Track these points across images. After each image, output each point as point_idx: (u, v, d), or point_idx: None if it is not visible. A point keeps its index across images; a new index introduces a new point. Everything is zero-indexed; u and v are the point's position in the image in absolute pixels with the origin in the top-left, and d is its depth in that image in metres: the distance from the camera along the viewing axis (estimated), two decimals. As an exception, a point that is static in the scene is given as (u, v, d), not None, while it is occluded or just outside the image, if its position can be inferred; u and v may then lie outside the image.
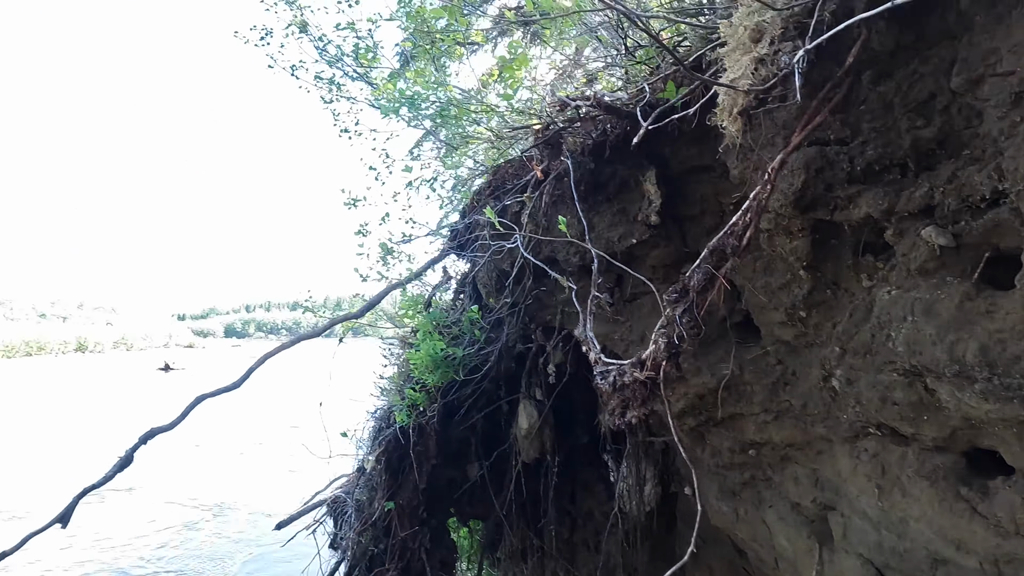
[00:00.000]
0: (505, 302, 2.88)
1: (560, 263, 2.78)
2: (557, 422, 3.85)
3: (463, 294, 3.38)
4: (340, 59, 5.76)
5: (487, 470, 3.87)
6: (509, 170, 3.02)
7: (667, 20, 2.58)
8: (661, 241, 2.66)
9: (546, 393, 3.53)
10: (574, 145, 2.29)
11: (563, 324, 3.13)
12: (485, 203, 3.02)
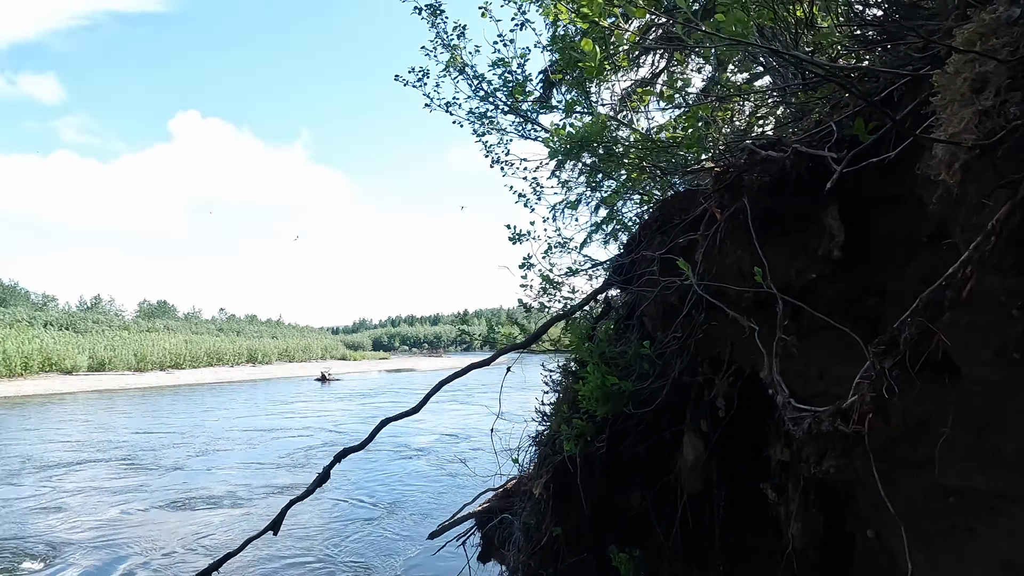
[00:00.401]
0: (675, 336, 2.89)
1: (732, 297, 2.76)
2: (721, 454, 3.79)
3: (628, 327, 3.44)
4: (492, 94, 6.07)
5: (650, 500, 3.88)
6: (675, 204, 3.05)
7: (844, 48, 2.51)
8: (842, 275, 2.57)
9: (712, 426, 3.49)
10: (752, 183, 2.29)
11: (732, 358, 3.09)
12: (652, 238, 3.07)
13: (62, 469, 16.56)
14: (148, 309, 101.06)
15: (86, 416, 31.25)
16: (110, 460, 17.80)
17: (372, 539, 10.22)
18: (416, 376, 63.25)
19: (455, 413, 26.60)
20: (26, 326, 61.66)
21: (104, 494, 13.68)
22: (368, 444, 3.66)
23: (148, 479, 15.27)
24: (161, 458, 18.11)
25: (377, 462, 15.63)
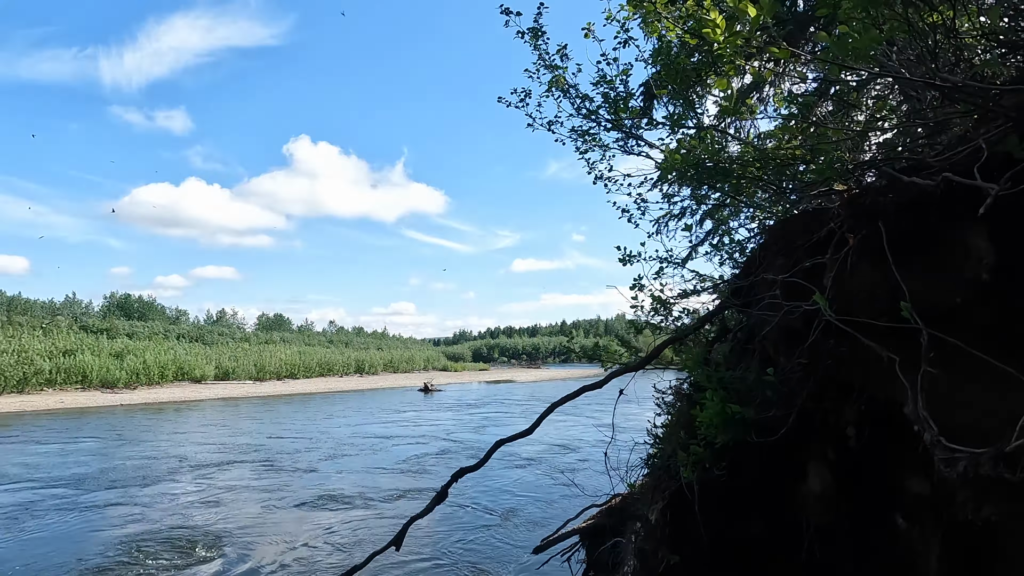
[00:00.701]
0: (799, 362, 2.78)
1: (863, 323, 2.62)
2: (850, 484, 3.59)
3: (747, 351, 3.33)
4: (596, 112, 6.09)
5: (771, 530, 3.73)
6: (797, 225, 2.93)
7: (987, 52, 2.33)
8: (991, 300, 2.38)
9: (840, 454, 3.31)
10: (888, 204, 2.17)
11: (863, 385, 2.92)
12: (772, 260, 2.97)
13: (213, 468, 18.46)
14: (266, 322, 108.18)
15: (223, 421, 33.90)
16: (252, 462, 19.67)
17: (481, 548, 10.46)
18: (515, 387, 63.74)
19: (561, 424, 27.26)
20: (162, 339, 67.63)
21: (252, 492, 15.13)
22: (484, 464, 3.74)
23: (288, 479, 16.68)
24: (297, 461, 19.74)
25: (487, 471, 15.99)
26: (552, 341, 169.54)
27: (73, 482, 16.48)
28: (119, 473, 17.58)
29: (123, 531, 11.67)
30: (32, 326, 58.59)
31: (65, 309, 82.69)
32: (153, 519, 12.52)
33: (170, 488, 15.54)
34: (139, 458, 20.29)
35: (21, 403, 43.02)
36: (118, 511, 13.25)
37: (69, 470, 18.26)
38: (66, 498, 14.53)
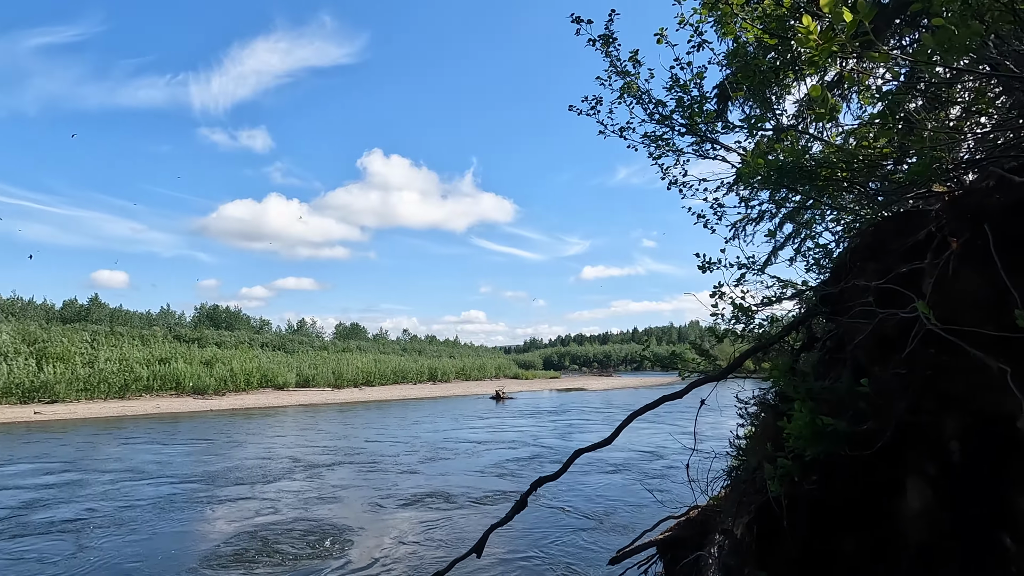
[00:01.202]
0: (897, 372, 2.65)
1: (968, 332, 2.47)
2: (953, 501, 3.37)
3: (837, 361, 3.20)
4: (669, 116, 6.01)
5: (865, 547, 3.55)
6: (890, 228, 2.80)
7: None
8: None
9: (942, 470, 3.12)
10: (994, 206, 2.04)
11: (968, 396, 2.75)
12: (863, 265, 2.84)
13: (323, 468, 19.97)
14: (343, 331, 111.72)
15: (315, 425, 35.56)
16: (357, 463, 21.18)
17: (558, 557, 10.49)
18: (587, 396, 63.25)
19: (641, 433, 27.28)
20: (247, 347, 70.99)
21: (362, 490, 16.40)
22: (563, 474, 3.74)
23: (394, 479, 17.97)
24: (398, 463, 21.04)
25: (565, 479, 16.22)
26: (623, 349, 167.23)
27: (205, 478, 18.41)
28: (242, 471, 19.45)
29: (256, 521, 13.11)
30: (131, 336, 62.78)
31: (160, 320, 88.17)
32: (280, 511, 13.97)
33: (289, 485, 17.15)
34: (255, 458, 22.34)
35: (122, 408, 46.09)
36: (249, 504, 14.82)
37: (198, 467, 20.33)
38: (203, 492, 16.38)
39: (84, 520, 13.43)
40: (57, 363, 50.04)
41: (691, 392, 4.30)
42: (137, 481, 18.17)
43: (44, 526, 12.97)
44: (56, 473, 19.51)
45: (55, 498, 15.74)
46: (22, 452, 24.66)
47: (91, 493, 16.43)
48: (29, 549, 11.35)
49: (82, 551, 11.16)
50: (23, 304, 79.19)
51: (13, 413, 41.53)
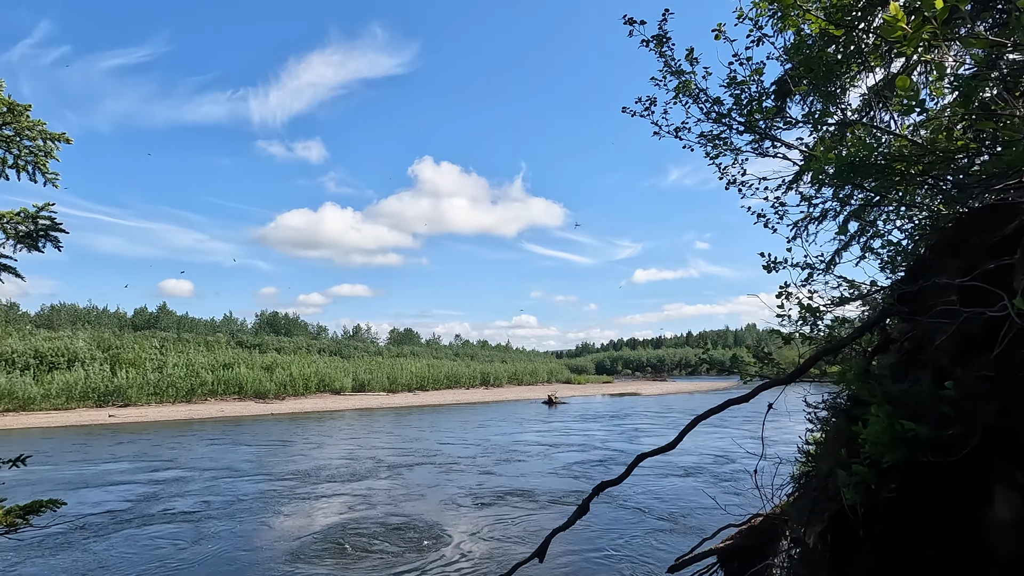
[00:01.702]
0: (983, 375, 2.50)
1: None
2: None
3: (916, 363, 3.04)
4: (727, 114, 5.88)
5: (948, 559, 3.37)
6: (973, 223, 2.65)
7: None
8: None
9: (1034, 478, 2.93)
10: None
11: (1064, 399, 2.58)
12: (943, 262, 2.71)
13: (403, 468, 20.96)
14: (397, 336, 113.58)
15: (382, 428, 36.57)
16: (435, 463, 22.14)
17: (619, 562, 10.43)
18: (641, 400, 62.39)
19: (704, 436, 27.18)
20: (305, 353, 72.93)
21: (443, 488, 17.30)
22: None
23: (472, 479, 18.82)
24: (475, 464, 21.87)
25: (627, 484, 16.39)
26: (677, 353, 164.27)
27: (298, 476, 19.80)
28: (330, 470, 20.77)
29: (352, 515, 14.19)
30: (197, 342, 65.39)
31: (224, 326, 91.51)
32: (373, 507, 15.05)
33: (376, 484, 18.32)
34: (339, 457, 23.74)
35: (189, 411, 47.96)
36: (344, 499, 16.01)
37: (288, 466, 21.75)
38: (300, 488, 17.70)
39: (200, 511, 14.79)
40: (129, 368, 52.54)
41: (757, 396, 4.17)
42: (235, 478, 19.57)
43: (167, 516, 14.36)
44: (161, 470, 21.13)
45: (168, 492, 17.26)
46: (122, 451, 26.57)
47: (198, 488, 17.82)
48: (160, 534, 12.74)
49: (203, 538, 12.41)
50: (98, 312, 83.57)
51: (90, 416, 43.77)
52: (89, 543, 12.12)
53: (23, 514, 4.89)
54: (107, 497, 16.72)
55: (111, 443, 29.96)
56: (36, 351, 50.59)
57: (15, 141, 4.70)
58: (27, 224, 4.74)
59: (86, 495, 16.96)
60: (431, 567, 10.34)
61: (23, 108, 4.56)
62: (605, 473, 18.96)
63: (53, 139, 4.84)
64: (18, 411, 44.38)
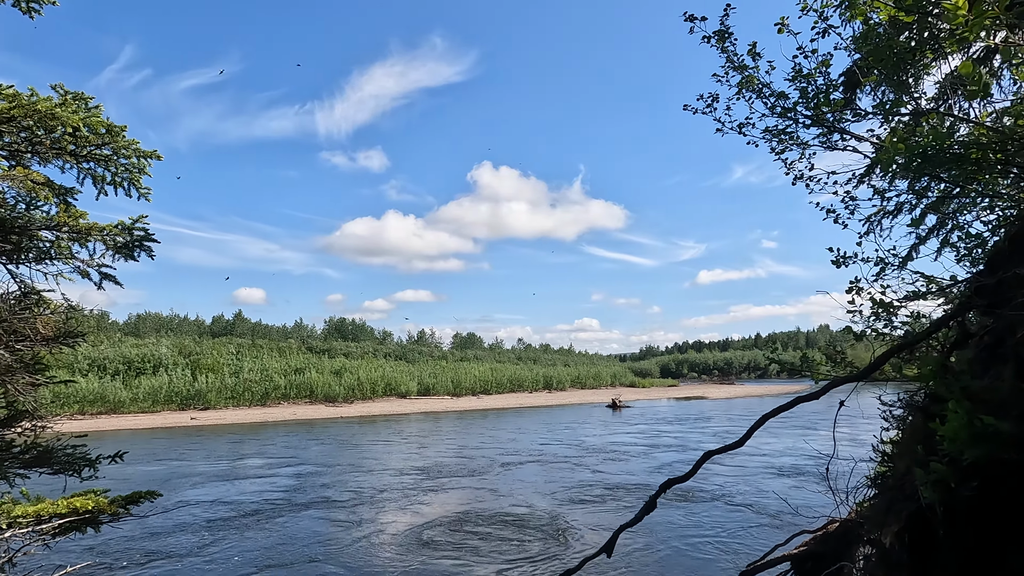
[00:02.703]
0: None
1: None
2: None
3: (997, 357, 2.94)
4: (793, 109, 5.77)
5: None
6: (1057, 210, 2.55)
7: None
8: None
9: None
10: None
11: None
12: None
13: (499, 467, 21.72)
14: (460, 341, 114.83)
15: (458, 431, 37.23)
16: (535, 461, 22.99)
17: (686, 563, 10.29)
18: (708, 404, 61.00)
19: (773, 436, 26.91)
20: (372, 357, 74.76)
21: (517, 487, 17.97)
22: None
23: (545, 477, 19.48)
24: (545, 463, 22.55)
25: (695, 482, 16.43)
26: (745, 355, 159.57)
27: (421, 471, 21.12)
28: (445, 467, 21.96)
29: (474, 507, 15.19)
30: (270, 348, 68.03)
31: (295, 332, 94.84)
32: (489, 499, 16.10)
33: (486, 480, 19.29)
34: (436, 458, 24.73)
35: (264, 414, 49.92)
36: (465, 493, 17.17)
37: (405, 463, 23.27)
38: (425, 482, 19.00)
39: (346, 501, 16.30)
40: (208, 373, 55.15)
41: (828, 394, 4.08)
42: (362, 472, 21.04)
43: (322, 503, 16.01)
44: (293, 466, 22.73)
45: (309, 484, 18.77)
46: (245, 449, 28.54)
47: (332, 481, 19.22)
48: (323, 519, 14.25)
49: (363, 521, 13.92)
50: (179, 320, 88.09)
51: (173, 418, 46.20)
52: (261, 527, 13.59)
53: (125, 504, 5.29)
54: (257, 488, 18.54)
55: (232, 441, 32.33)
56: (125, 357, 53.78)
57: (113, 160, 5.12)
58: (124, 236, 5.15)
59: (243, 486, 18.75)
60: (501, 559, 10.56)
61: (119, 129, 4.96)
62: (671, 472, 18.89)
63: (145, 156, 5.23)
64: (110, 414, 47.27)
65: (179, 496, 17.07)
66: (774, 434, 27.44)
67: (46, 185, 4.79)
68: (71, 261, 5.22)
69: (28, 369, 5.18)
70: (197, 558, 11.11)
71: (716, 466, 19.06)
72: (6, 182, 4.48)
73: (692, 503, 14.62)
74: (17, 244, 5.01)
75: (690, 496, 15.26)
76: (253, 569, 10.57)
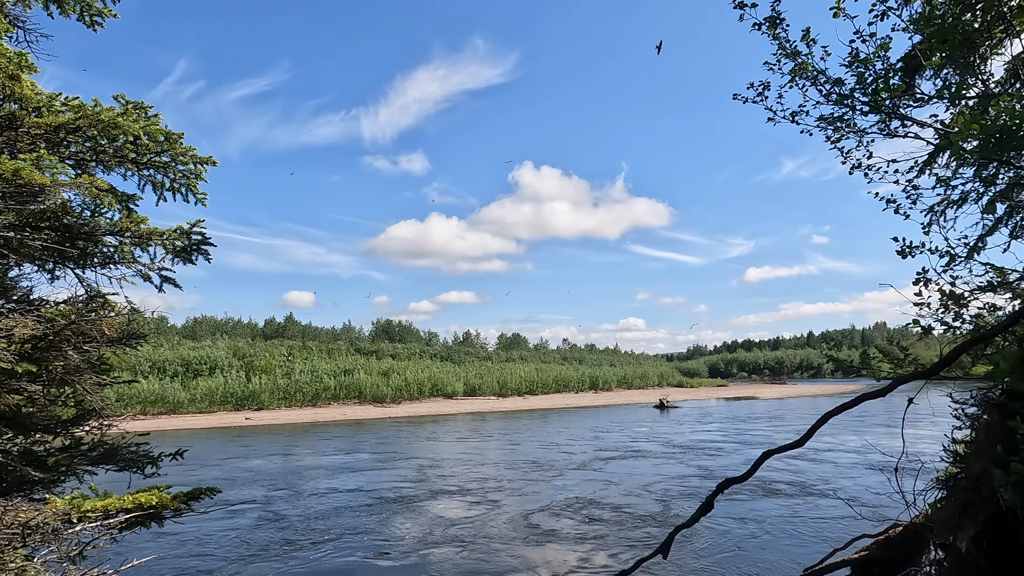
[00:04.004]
0: None
1: None
2: None
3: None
4: (850, 95, 5.57)
5: None
6: None
7: None
8: None
9: None
10: None
11: None
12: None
13: (569, 469, 21.59)
14: (505, 341, 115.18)
15: (518, 431, 37.29)
16: (566, 464, 22.83)
17: (744, 566, 10.07)
18: (759, 405, 59.62)
19: (835, 436, 26.33)
20: (418, 358, 75.60)
21: (573, 486, 18.01)
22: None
23: (598, 476, 19.69)
24: (597, 463, 22.57)
25: (753, 483, 16.02)
26: (797, 354, 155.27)
27: (504, 465, 22.01)
28: (521, 464, 22.49)
29: (546, 503, 15.56)
30: (320, 350, 69.50)
31: (343, 334, 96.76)
32: (567, 494, 16.54)
33: (571, 476, 19.78)
34: (517, 456, 25.04)
35: (315, 415, 51.01)
36: (544, 487, 17.67)
37: (482, 457, 24.21)
38: (509, 476, 19.80)
39: (448, 491, 17.16)
40: (261, 374, 56.68)
41: (895, 392, 3.91)
42: (443, 467, 21.92)
43: (432, 493, 16.78)
44: (353, 464, 23.30)
45: (373, 481, 19.37)
46: (324, 447, 29.49)
47: (402, 478, 19.78)
48: (427, 509, 14.98)
49: (476, 506, 14.81)
50: (233, 323, 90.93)
51: (229, 419, 47.62)
52: (339, 519, 14.14)
53: (186, 500, 5.48)
54: (320, 485, 19.03)
55: (318, 439, 33.55)
56: (183, 359, 55.72)
57: (171, 167, 5.31)
58: (182, 240, 5.33)
59: (309, 484, 19.19)
60: (554, 560, 10.58)
61: (177, 136, 5.14)
62: (727, 472, 18.56)
63: (202, 162, 5.41)
64: (169, 414, 49.02)
65: (238, 493, 17.54)
66: (832, 434, 26.79)
67: (110, 192, 5.00)
68: (133, 265, 5.42)
69: (95, 369, 5.39)
70: (257, 553, 11.41)
71: (778, 468, 18.72)
72: (73, 190, 4.67)
73: (751, 505, 14.31)
74: (83, 250, 5.23)
75: (749, 498, 14.98)
76: (363, 555, 11.03)
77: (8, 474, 5.22)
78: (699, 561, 10.26)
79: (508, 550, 11.28)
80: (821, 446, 23.41)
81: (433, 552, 11.17)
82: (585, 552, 11.01)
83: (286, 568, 10.49)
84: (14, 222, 4.69)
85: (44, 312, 5.00)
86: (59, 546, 4.47)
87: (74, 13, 5.48)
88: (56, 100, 5.02)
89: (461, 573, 10.06)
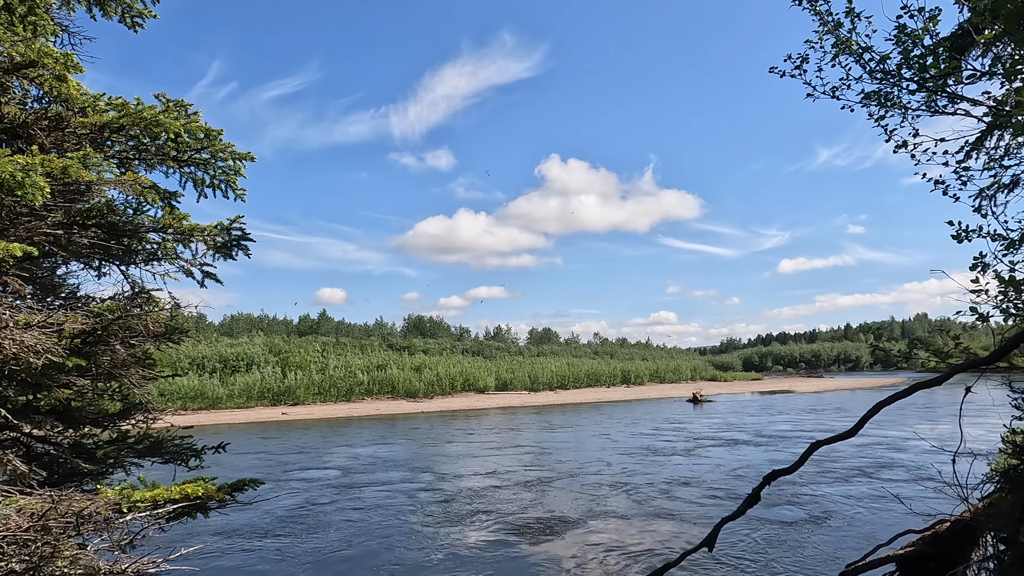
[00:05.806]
0: None
1: None
2: None
3: None
4: (896, 71, 5.40)
5: None
6: None
7: None
8: None
9: None
10: None
11: None
12: None
13: (613, 463, 21.49)
14: (536, 336, 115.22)
15: (555, 425, 37.39)
16: (600, 459, 22.72)
17: (788, 559, 9.94)
18: (795, 398, 58.57)
19: (885, 427, 26.05)
20: (450, 353, 76.05)
21: (613, 480, 17.97)
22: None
23: (637, 470, 19.64)
24: (636, 457, 22.51)
25: (801, 475, 15.89)
26: (834, 347, 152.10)
27: (542, 455, 22.86)
28: (562, 459, 22.54)
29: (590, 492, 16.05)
30: (353, 346, 70.39)
31: (375, 330, 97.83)
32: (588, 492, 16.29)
33: (599, 473, 19.34)
34: (568, 449, 25.41)
35: (349, 409, 51.69)
36: (584, 480, 17.86)
37: (523, 449, 24.93)
38: (550, 467, 20.25)
39: (494, 482, 17.70)
40: (297, 370, 57.64)
41: (950, 381, 3.77)
42: (483, 458, 22.68)
43: (426, 493, 16.73)
44: (389, 459, 23.63)
45: (410, 477, 19.53)
46: (347, 441, 30.05)
47: (439, 473, 20.06)
48: (476, 497, 15.62)
49: (523, 492, 15.39)
50: (269, 320, 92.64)
51: (266, 414, 48.54)
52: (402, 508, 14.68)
53: (231, 491, 5.58)
54: (360, 479, 19.36)
55: (359, 432, 34.35)
56: (221, 356, 56.95)
57: (211, 163, 5.40)
58: (223, 235, 5.42)
59: (350, 477, 19.34)
60: (599, 550, 10.64)
61: (216, 133, 5.22)
62: (771, 465, 18.25)
63: (240, 158, 5.49)
64: (208, 409, 50.16)
65: (280, 485, 17.89)
66: (880, 425, 26.35)
67: (152, 189, 5.10)
68: (176, 261, 5.53)
69: (140, 364, 5.51)
70: (298, 543, 11.61)
71: (826, 461, 18.42)
72: (118, 188, 4.78)
73: (798, 498, 14.15)
74: (128, 246, 5.35)
75: (796, 490, 14.80)
76: (384, 547, 11.18)
77: (60, 466, 5.38)
78: (744, 553, 10.20)
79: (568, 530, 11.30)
80: (867, 440, 22.95)
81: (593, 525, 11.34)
82: (633, 543, 11.08)
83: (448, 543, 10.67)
84: (62, 220, 4.81)
85: (92, 308, 5.12)
86: (111, 535, 4.59)
87: (116, 15, 5.60)
88: (100, 100, 5.14)
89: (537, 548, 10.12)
